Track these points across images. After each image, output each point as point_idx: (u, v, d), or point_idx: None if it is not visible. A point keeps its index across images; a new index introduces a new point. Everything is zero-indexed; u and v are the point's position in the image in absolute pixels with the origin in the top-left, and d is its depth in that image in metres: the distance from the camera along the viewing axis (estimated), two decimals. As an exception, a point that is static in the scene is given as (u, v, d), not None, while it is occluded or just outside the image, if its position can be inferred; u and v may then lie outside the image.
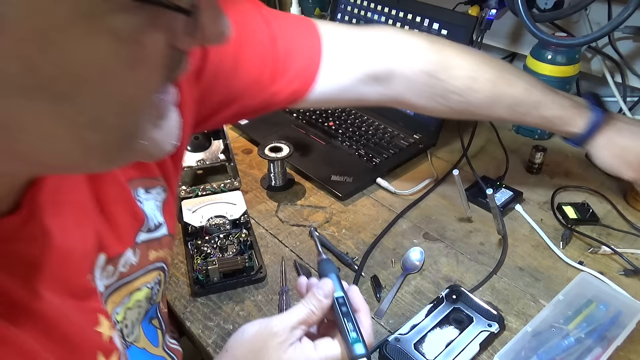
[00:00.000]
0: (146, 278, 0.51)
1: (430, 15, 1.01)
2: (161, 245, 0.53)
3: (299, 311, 0.48)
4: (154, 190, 0.52)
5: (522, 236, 0.81)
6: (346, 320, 0.48)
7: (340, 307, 0.49)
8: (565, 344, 0.61)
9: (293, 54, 0.59)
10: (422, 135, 1.04)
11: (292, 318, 0.47)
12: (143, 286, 0.50)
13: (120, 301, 0.47)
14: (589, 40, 0.86)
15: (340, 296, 0.50)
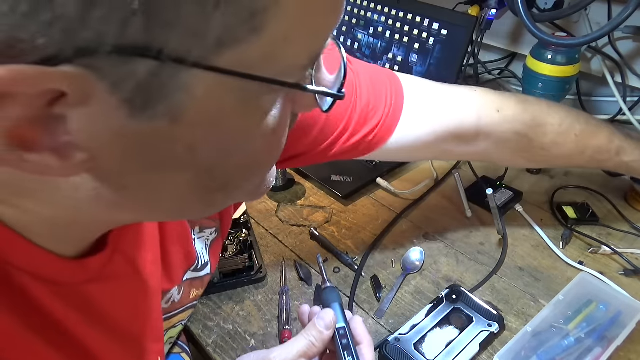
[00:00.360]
0: (183, 315, 0.51)
1: (430, 15, 1.01)
2: (203, 284, 0.53)
3: (298, 343, 0.47)
4: (208, 230, 0.52)
5: (522, 236, 0.81)
6: (346, 353, 0.46)
7: (341, 339, 0.48)
8: (565, 344, 0.61)
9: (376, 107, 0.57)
10: (422, 135, 1.04)
11: (291, 350, 0.47)
12: (179, 323, 0.51)
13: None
14: (589, 40, 0.86)
15: (341, 327, 0.48)
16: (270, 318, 0.68)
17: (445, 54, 1.00)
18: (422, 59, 1.03)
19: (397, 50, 1.07)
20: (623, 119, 1.08)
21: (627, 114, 1.05)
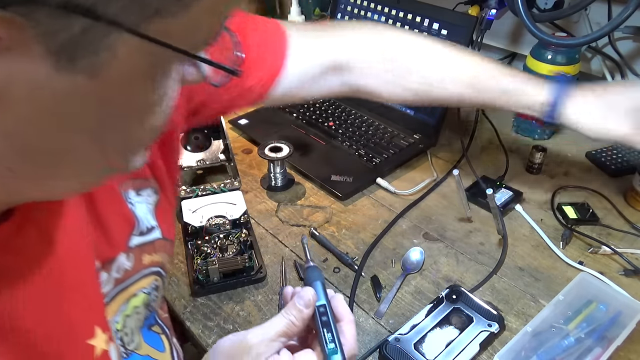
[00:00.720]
0: (142, 283, 0.49)
1: (430, 15, 1.01)
2: (155, 249, 0.51)
3: (277, 323, 0.46)
4: (145, 192, 0.51)
5: (522, 236, 0.81)
6: (325, 330, 0.45)
7: (321, 317, 0.46)
8: (565, 344, 0.61)
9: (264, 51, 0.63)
10: (422, 135, 1.04)
11: (269, 330, 0.46)
12: (139, 292, 0.49)
13: (117, 309, 0.46)
14: (589, 40, 0.87)
15: (321, 304, 0.47)
16: (270, 318, 0.68)
17: (445, 54, 1.00)
18: (422, 59, 1.03)
19: (397, 50, 1.07)
20: (623, 119, 1.08)
21: (627, 114, 1.05)
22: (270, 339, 0.45)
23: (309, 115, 1.13)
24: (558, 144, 1.04)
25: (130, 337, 0.48)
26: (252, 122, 1.13)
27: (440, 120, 1.02)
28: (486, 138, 1.07)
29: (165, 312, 0.60)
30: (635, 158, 0.96)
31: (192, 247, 0.76)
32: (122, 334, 0.46)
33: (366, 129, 1.07)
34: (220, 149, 0.95)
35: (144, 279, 0.50)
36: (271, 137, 1.02)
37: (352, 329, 0.48)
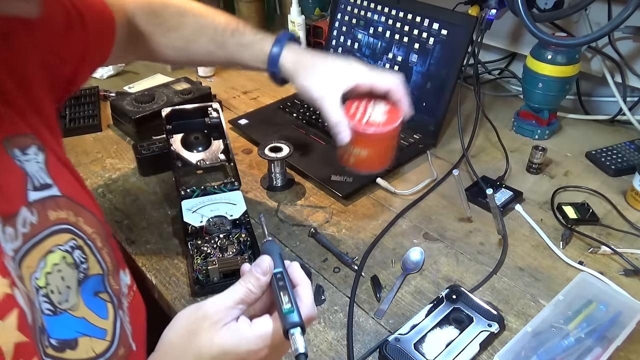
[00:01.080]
0: (55, 239, 0.50)
1: (430, 15, 1.01)
2: (59, 206, 0.52)
3: (235, 290, 0.47)
4: (31, 150, 0.52)
5: (522, 236, 0.81)
6: (282, 293, 0.46)
7: (278, 282, 0.47)
8: (565, 344, 0.61)
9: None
10: (422, 135, 1.04)
11: (227, 298, 0.46)
12: (55, 248, 0.49)
13: (35, 266, 0.47)
14: (589, 40, 0.87)
15: (278, 271, 0.48)
16: (270, 318, 0.68)
17: (445, 54, 1.00)
18: (422, 59, 1.03)
19: (397, 50, 1.07)
20: (623, 119, 1.09)
21: (627, 114, 1.05)
22: (228, 307, 0.45)
23: (309, 115, 1.13)
24: (558, 144, 1.04)
25: (62, 296, 0.49)
26: (252, 122, 1.13)
27: (440, 120, 1.02)
28: (486, 138, 1.07)
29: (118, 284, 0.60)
30: (635, 158, 0.96)
31: (192, 247, 0.76)
32: (46, 290, 0.47)
33: (366, 129, 1.07)
34: (220, 149, 0.95)
35: (56, 235, 0.50)
36: (271, 137, 1.02)
37: (309, 293, 0.48)
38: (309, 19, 1.49)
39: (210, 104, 0.95)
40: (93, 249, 0.56)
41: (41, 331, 0.45)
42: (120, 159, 1.03)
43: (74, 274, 0.52)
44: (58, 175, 0.54)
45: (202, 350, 0.44)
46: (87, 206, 0.57)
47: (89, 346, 0.50)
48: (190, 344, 0.44)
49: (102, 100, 1.24)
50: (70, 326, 0.49)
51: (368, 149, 0.73)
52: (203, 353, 0.44)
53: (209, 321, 0.44)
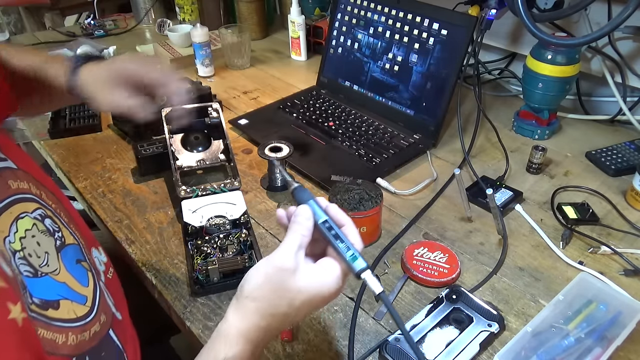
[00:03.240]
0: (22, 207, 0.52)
1: (430, 15, 1.01)
2: (18, 178, 0.54)
3: (292, 238, 0.49)
4: None
5: (522, 236, 0.81)
6: (338, 242, 0.49)
7: (329, 231, 0.50)
8: (565, 344, 0.61)
9: None
10: (422, 135, 1.04)
11: (291, 246, 0.48)
12: (25, 215, 0.52)
13: (7, 230, 0.48)
14: (589, 40, 0.87)
15: (324, 221, 0.50)
16: (270, 318, 0.68)
17: (445, 54, 1.00)
18: (422, 59, 1.03)
19: (397, 50, 1.07)
20: (623, 119, 1.09)
21: (627, 114, 1.05)
22: (295, 252, 0.48)
23: (309, 115, 1.13)
24: (558, 144, 1.04)
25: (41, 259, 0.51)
26: (252, 122, 1.13)
27: (440, 120, 1.02)
28: (486, 138, 1.07)
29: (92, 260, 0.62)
30: (635, 158, 0.96)
31: (192, 247, 0.76)
32: (23, 254, 0.49)
33: (366, 129, 1.07)
34: (220, 149, 0.95)
35: (21, 203, 0.52)
36: (271, 137, 1.02)
37: (354, 230, 0.51)
38: (309, 19, 1.49)
39: (210, 104, 0.96)
40: (62, 221, 0.58)
41: (23, 287, 0.46)
42: (120, 159, 1.03)
43: (50, 240, 0.54)
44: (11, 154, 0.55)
45: (294, 297, 0.47)
46: (48, 186, 0.59)
47: (70, 308, 0.52)
48: (280, 295, 0.47)
49: (102, 100, 1.24)
50: (52, 289, 0.51)
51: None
52: (295, 300, 0.47)
53: (288, 272, 0.47)
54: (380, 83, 1.12)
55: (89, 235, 0.64)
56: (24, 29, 2.14)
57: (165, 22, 1.69)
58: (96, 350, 0.53)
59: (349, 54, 1.18)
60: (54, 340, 0.47)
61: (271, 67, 1.46)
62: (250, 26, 1.59)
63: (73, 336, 0.50)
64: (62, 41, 1.62)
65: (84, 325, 0.52)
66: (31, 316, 0.45)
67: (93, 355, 0.52)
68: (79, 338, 0.51)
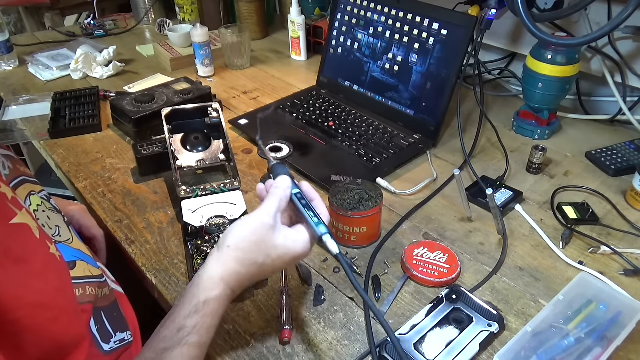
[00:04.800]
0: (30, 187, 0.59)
1: (430, 15, 1.01)
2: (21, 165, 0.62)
3: (272, 202, 0.56)
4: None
5: (522, 236, 0.81)
6: (307, 209, 0.57)
7: (300, 201, 0.58)
8: (565, 344, 0.61)
9: None
10: (422, 135, 1.04)
11: (271, 208, 0.55)
12: (34, 194, 0.59)
13: (23, 202, 0.53)
14: (589, 40, 0.86)
15: (297, 192, 0.58)
16: (270, 318, 0.68)
17: (445, 54, 1.00)
18: (422, 59, 1.03)
19: (397, 50, 1.07)
20: (623, 119, 1.09)
21: (627, 114, 1.05)
22: (275, 213, 0.55)
23: (309, 115, 1.13)
24: (558, 144, 1.04)
25: (53, 231, 0.58)
26: (252, 122, 1.13)
27: (440, 120, 1.02)
28: (486, 138, 1.07)
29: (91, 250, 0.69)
30: (635, 158, 0.96)
31: (192, 247, 0.76)
32: (39, 224, 0.53)
33: (366, 129, 1.07)
34: (220, 149, 0.95)
35: (28, 183, 0.59)
36: (271, 137, 1.02)
37: (322, 204, 0.59)
38: (309, 19, 1.49)
39: (210, 104, 0.96)
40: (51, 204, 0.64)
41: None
42: (120, 159, 1.03)
43: (58, 217, 0.60)
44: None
45: (270, 251, 0.54)
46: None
47: (86, 268, 0.57)
48: (260, 248, 0.54)
49: (102, 100, 1.24)
50: (68, 252, 0.57)
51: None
52: (271, 253, 0.54)
53: (268, 227, 0.54)
54: (380, 83, 1.12)
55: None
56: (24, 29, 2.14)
57: (165, 22, 1.69)
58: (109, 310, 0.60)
59: (349, 54, 1.18)
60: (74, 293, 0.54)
61: (271, 67, 1.46)
62: (250, 26, 1.59)
63: (91, 289, 0.56)
64: (62, 41, 1.62)
65: (99, 283, 0.59)
66: None
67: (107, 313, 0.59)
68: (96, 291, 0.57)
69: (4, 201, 0.49)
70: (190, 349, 0.51)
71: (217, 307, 0.53)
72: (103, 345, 0.57)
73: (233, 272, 0.54)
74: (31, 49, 1.55)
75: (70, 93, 1.24)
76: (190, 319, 0.51)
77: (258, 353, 0.63)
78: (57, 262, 0.51)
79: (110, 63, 1.41)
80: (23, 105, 1.22)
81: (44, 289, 0.48)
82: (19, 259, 0.46)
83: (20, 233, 0.48)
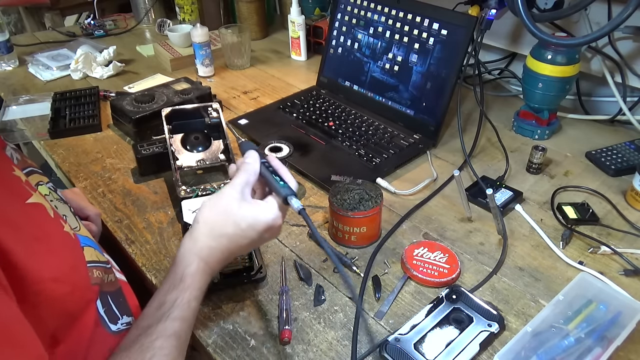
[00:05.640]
0: (38, 177, 0.60)
1: (430, 15, 1.01)
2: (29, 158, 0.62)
3: (241, 175, 0.58)
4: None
5: (522, 236, 0.81)
6: (274, 175, 0.60)
7: (267, 169, 0.61)
8: (565, 344, 0.61)
9: None
10: (422, 135, 1.04)
11: (239, 182, 0.58)
12: (42, 183, 0.60)
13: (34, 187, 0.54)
14: (589, 40, 0.87)
15: (264, 161, 0.61)
16: (270, 318, 0.68)
17: (445, 54, 1.00)
18: (422, 59, 1.03)
19: (397, 50, 1.07)
20: (623, 119, 1.09)
21: (627, 114, 1.05)
22: (243, 186, 0.57)
23: (309, 115, 1.13)
24: (558, 144, 1.04)
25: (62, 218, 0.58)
26: (252, 122, 1.13)
27: (440, 120, 1.02)
28: (486, 138, 1.07)
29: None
30: (635, 158, 0.96)
31: (192, 247, 0.76)
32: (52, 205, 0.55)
33: (366, 129, 1.07)
34: (220, 149, 0.95)
35: (36, 174, 0.60)
36: (271, 137, 1.02)
37: (288, 173, 0.61)
38: (309, 19, 1.49)
39: (210, 104, 0.96)
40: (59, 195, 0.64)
41: None
42: (120, 159, 1.03)
43: (65, 206, 0.62)
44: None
45: (239, 221, 0.56)
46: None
47: (94, 253, 0.58)
48: (228, 218, 0.56)
49: (102, 100, 1.24)
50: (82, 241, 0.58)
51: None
52: (240, 223, 0.56)
53: (234, 199, 0.56)
54: (380, 83, 1.12)
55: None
56: (24, 29, 2.14)
57: (165, 22, 1.69)
58: (115, 295, 0.61)
59: (349, 54, 1.18)
60: None
61: (271, 67, 1.46)
62: (250, 26, 1.59)
63: (98, 272, 0.57)
64: (62, 41, 1.62)
65: (106, 269, 0.60)
66: None
67: (114, 297, 0.60)
68: (103, 276, 0.58)
69: (20, 183, 0.51)
70: (173, 322, 0.53)
71: (193, 281, 0.56)
72: (111, 325, 0.59)
73: (205, 246, 0.57)
74: (31, 49, 1.55)
75: (70, 93, 1.24)
76: (169, 295, 0.54)
77: (258, 353, 0.63)
78: (71, 240, 0.54)
79: (110, 63, 1.41)
80: (23, 105, 1.23)
81: (60, 265, 0.50)
82: (38, 236, 0.49)
83: (37, 212, 0.51)
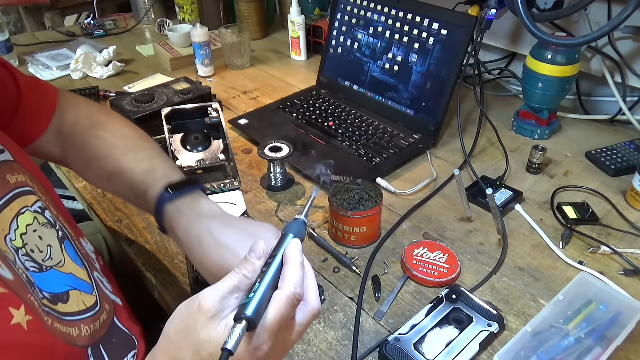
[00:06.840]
0: (22, 202, 0.52)
1: (430, 15, 1.01)
2: (15, 171, 0.53)
3: (229, 279, 0.42)
4: None
5: (522, 236, 0.81)
6: (258, 279, 0.42)
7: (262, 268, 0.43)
8: (565, 344, 0.61)
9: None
10: (422, 135, 1.04)
11: (222, 288, 0.42)
12: (25, 210, 0.51)
13: (7, 228, 0.48)
14: (589, 40, 0.87)
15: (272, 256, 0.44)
16: (270, 318, 0.68)
17: (445, 54, 1.00)
18: (422, 59, 1.03)
19: (397, 50, 1.07)
20: (623, 119, 1.09)
21: (627, 114, 1.05)
22: (223, 297, 0.41)
23: (309, 115, 1.13)
24: (558, 144, 1.04)
25: (44, 254, 0.51)
26: (252, 122, 1.13)
27: (440, 120, 1.02)
28: (486, 138, 1.07)
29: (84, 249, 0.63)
30: (635, 158, 0.96)
31: (192, 247, 0.76)
32: (26, 250, 0.49)
33: (366, 129, 1.07)
34: (220, 149, 0.95)
35: (21, 197, 0.52)
36: (271, 137, 1.02)
37: (295, 271, 0.43)
38: (309, 19, 1.49)
39: (210, 104, 0.95)
40: (54, 213, 0.58)
41: (31, 285, 0.47)
42: (120, 159, 1.03)
43: (52, 232, 0.54)
44: (5, 141, 0.55)
45: (201, 347, 0.40)
46: (37, 177, 0.59)
47: (80, 299, 0.52)
48: (188, 340, 0.41)
49: (102, 100, 1.24)
50: (60, 281, 0.52)
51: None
52: (201, 350, 0.40)
53: (205, 316, 0.40)
54: (380, 83, 1.12)
55: (74, 226, 0.65)
56: (24, 29, 2.14)
57: (165, 22, 1.69)
58: (107, 338, 0.55)
59: (349, 54, 1.18)
60: (68, 334, 0.49)
61: (271, 67, 1.46)
62: (250, 26, 1.59)
63: (86, 327, 0.51)
64: (62, 41, 1.62)
65: (94, 316, 0.54)
66: (45, 311, 0.47)
67: (106, 343, 0.54)
68: (92, 329, 0.52)
69: None
70: None
71: None
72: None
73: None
74: (31, 49, 1.55)
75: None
76: None
77: (258, 353, 0.63)
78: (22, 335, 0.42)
79: (110, 63, 1.41)
80: (23, 105, 1.22)
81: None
82: None
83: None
